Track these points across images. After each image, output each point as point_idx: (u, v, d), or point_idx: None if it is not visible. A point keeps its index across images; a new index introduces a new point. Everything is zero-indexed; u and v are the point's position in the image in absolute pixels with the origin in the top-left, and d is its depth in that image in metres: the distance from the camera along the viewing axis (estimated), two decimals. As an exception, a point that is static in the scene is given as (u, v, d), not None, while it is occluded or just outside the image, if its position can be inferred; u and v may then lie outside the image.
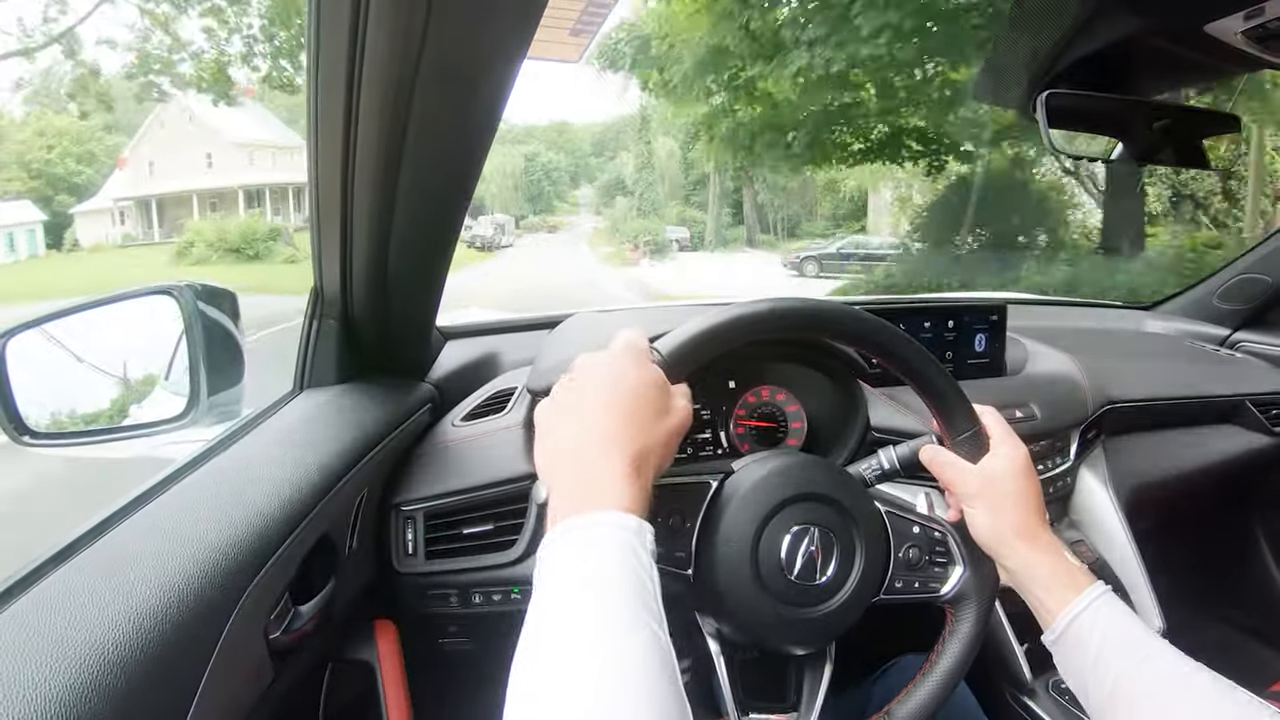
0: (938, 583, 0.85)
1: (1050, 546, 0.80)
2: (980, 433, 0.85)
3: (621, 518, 0.60)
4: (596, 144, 41.12)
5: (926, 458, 0.86)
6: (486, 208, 33.59)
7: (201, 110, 24.21)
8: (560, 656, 0.51)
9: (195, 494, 0.80)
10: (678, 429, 0.70)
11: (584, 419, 0.67)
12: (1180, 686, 0.68)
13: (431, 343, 1.36)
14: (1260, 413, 1.82)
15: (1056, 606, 0.77)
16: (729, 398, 1.28)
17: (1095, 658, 0.73)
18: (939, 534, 0.85)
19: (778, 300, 0.80)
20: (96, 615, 0.58)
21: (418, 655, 1.09)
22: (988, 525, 0.81)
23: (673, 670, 0.53)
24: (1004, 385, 1.52)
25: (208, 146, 27.36)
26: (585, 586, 0.56)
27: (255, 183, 27.89)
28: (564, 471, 0.66)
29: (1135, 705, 0.69)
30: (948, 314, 1.55)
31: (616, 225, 30.81)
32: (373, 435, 1.05)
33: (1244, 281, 2.04)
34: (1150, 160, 1.07)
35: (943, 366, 0.85)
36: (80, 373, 0.97)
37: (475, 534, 1.12)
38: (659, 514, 0.77)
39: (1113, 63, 0.93)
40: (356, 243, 0.98)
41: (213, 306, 0.97)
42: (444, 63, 0.74)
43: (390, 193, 0.90)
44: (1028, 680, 1.24)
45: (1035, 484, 0.83)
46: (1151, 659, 0.71)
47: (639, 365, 0.70)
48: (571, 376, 0.71)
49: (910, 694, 0.83)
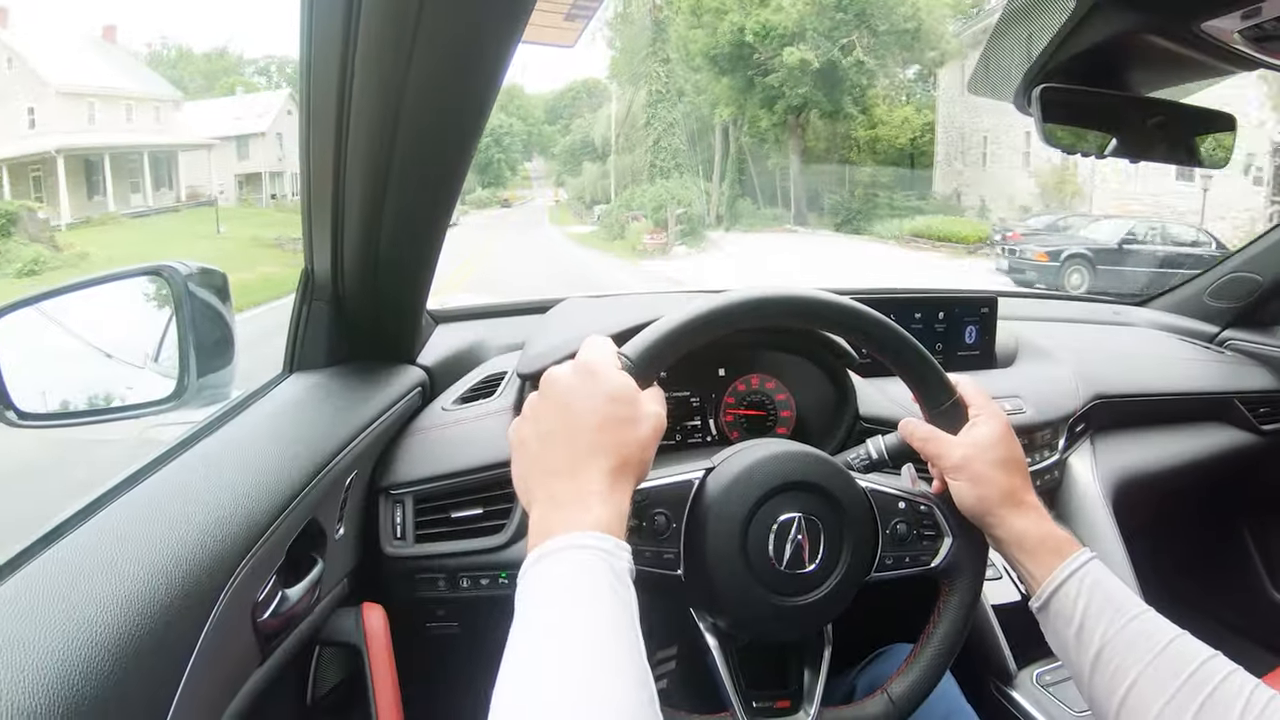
0: (928, 556, 0.85)
1: (1035, 512, 0.80)
2: (959, 403, 0.85)
3: (598, 539, 0.60)
4: (550, 111, 38.43)
5: (906, 432, 0.86)
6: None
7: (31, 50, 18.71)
8: (538, 689, 0.52)
9: (184, 477, 0.80)
10: (652, 436, 0.69)
11: (556, 437, 0.67)
12: (1165, 650, 0.69)
13: (422, 326, 1.35)
14: (1248, 411, 1.84)
15: (1042, 573, 0.77)
16: (718, 385, 1.28)
17: (1080, 622, 0.74)
18: (925, 508, 0.85)
19: (746, 290, 0.80)
20: (85, 598, 0.58)
21: (405, 638, 1.09)
22: (972, 495, 0.81)
23: (650, 694, 0.53)
24: (993, 378, 1.53)
25: (31, 99, 19.60)
26: (562, 616, 0.56)
27: (90, 146, 20.15)
28: (539, 492, 0.66)
29: (1120, 669, 0.70)
30: (938, 305, 1.56)
31: (582, 195, 27.54)
32: (362, 418, 1.05)
33: (1235, 280, 2.05)
34: (1144, 157, 1.07)
35: (914, 339, 0.84)
36: (70, 353, 0.96)
37: (464, 518, 1.12)
38: (643, 517, 0.77)
39: (1108, 58, 0.93)
40: (348, 225, 0.98)
41: (203, 287, 0.96)
42: (438, 46, 0.73)
43: (382, 175, 0.90)
44: (1012, 671, 1.25)
45: (1017, 450, 0.83)
46: (1136, 622, 0.72)
47: (606, 375, 0.69)
48: (541, 394, 0.71)
49: (908, 669, 0.83)
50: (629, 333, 0.78)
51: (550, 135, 37.91)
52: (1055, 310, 2.21)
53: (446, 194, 0.98)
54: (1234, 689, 0.65)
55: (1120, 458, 1.61)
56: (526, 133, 38.36)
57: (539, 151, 39.73)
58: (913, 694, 0.82)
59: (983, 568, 0.86)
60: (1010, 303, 1.92)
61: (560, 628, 0.55)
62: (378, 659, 1.02)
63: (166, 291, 0.93)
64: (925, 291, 1.72)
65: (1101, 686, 0.71)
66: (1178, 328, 2.11)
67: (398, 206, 0.95)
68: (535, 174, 40.61)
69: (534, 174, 40.46)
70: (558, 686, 0.51)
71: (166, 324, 0.94)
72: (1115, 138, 1.06)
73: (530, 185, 39.19)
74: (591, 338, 0.74)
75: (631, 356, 0.74)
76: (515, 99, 37.53)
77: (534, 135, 38.66)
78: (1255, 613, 2.06)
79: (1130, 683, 0.68)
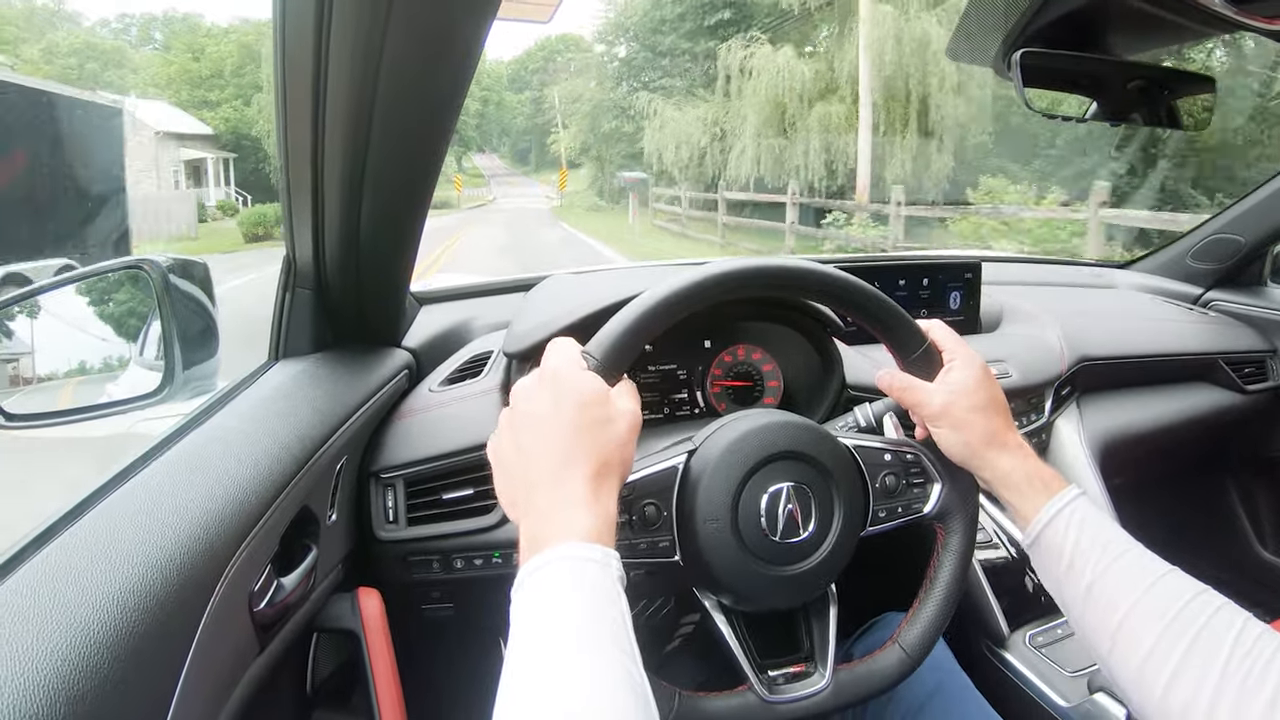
0: (920, 503, 0.86)
1: (1020, 450, 0.81)
2: (931, 348, 0.85)
3: (587, 549, 0.60)
4: (516, 77, 34.10)
5: (884, 384, 0.87)
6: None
7: None
8: (538, 705, 0.52)
9: (174, 470, 0.79)
10: (629, 432, 0.69)
11: (533, 449, 0.66)
12: (1156, 585, 0.70)
13: (406, 308, 1.35)
14: (1232, 371, 1.85)
15: (1031, 510, 0.78)
16: (705, 358, 1.28)
17: (1070, 558, 0.74)
18: (911, 456, 0.86)
19: (708, 267, 0.79)
20: (80, 596, 0.58)
21: (402, 622, 1.10)
22: (956, 441, 0.81)
23: (646, 704, 0.53)
24: (979, 342, 1.54)
25: None
26: (555, 631, 0.56)
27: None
28: (524, 505, 0.66)
29: (1111, 602, 0.71)
30: (923, 271, 1.56)
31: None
32: (350, 403, 1.05)
33: (1217, 241, 2.06)
34: (1124, 120, 1.07)
35: (877, 291, 0.84)
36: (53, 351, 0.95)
37: (455, 499, 1.12)
38: (633, 510, 0.77)
39: (1088, 22, 0.93)
40: (328, 210, 0.97)
41: (184, 279, 0.96)
42: (413, 24, 0.72)
43: (361, 159, 0.89)
44: (1004, 633, 1.27)
45: (996, 389, 0.84)
46: (1126, 557, 0.73)
47: (575, 379, 0.69)
48: (512, 408, 0.70)
49: (915, 617, 0.84)
50: (590, 325, 0.77)
51: (514, 106, 34.17)
52: (1039, 274, 2.22)
53: (425, 175, 0.97)
54: (1224, 622, 0.66)
55: (1106, 420, 1.62)
56: (480, 106, 33.32)
57: (500, 132, 35.45)
58: (923, 640, 0.83)
59: (975, 508, 0.87)
60: (994, 267, 1.93)
61: (555, 643, 0.55)
62: (375, 643, 1.02)
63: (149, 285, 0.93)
64: (908, 257, 1.73)
65: (1093, 620, 0.72)
66: (1161, 289, 2.13)
67: (377, 190, 0.94)
68: (490, 171, 35.74)
69: (487, 171, 35.59)
70: (557, 702, 0.51)
71: (149, 317, 0.94)
72: (1095, 101, 1.06)
73: (485, 182, 33.96)
74: (554, 342, 0.74)
75: (597, 355, 0.73)
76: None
77: (491, 106, 34.57)
78: (1242, 570, 2.09)
79: (1122, 616, 0.69)
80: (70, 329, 0.96)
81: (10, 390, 0.86)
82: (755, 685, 0.80)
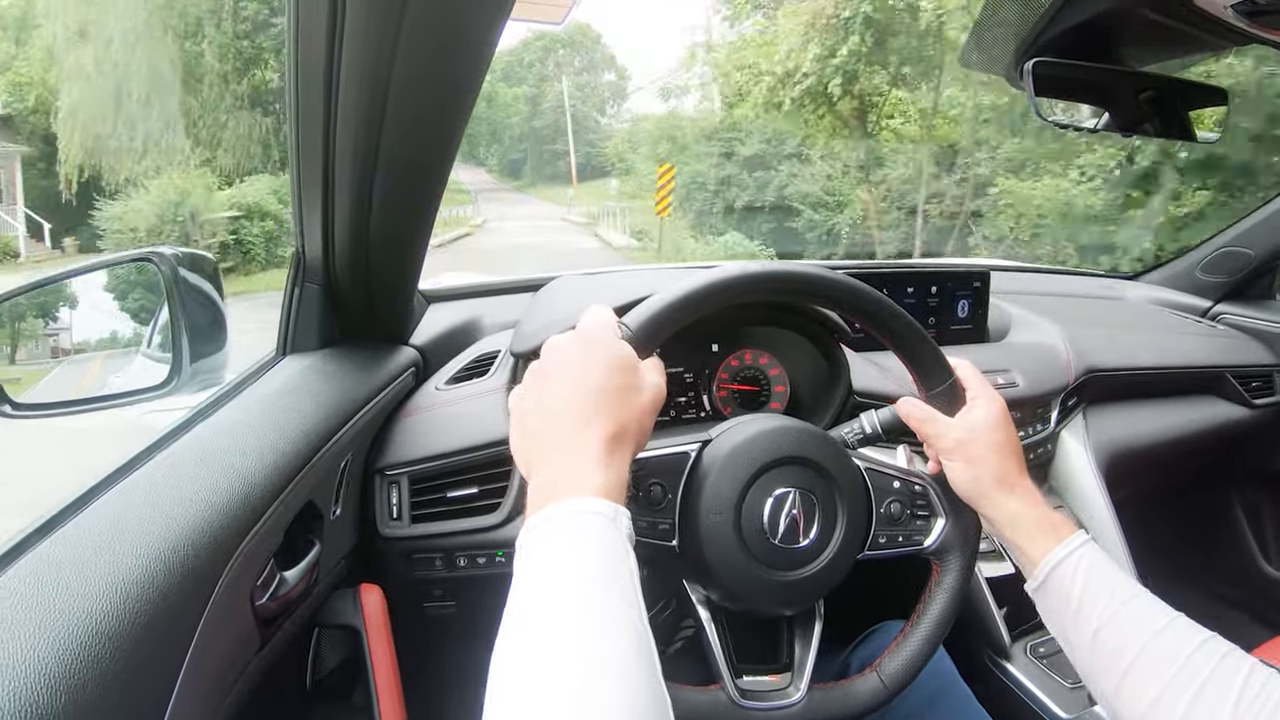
0: (921, 535, 0.85)
1: (1030, 495, 0.81)
2: (956, 385, 0.85)
3: (597, 504, 0.59)
4: (509, 71, 30.07)
5: (904, 412, 0.86)
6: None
7: None
8: (539, 653, 0.51)
9: (179, 462, 0.79)
10: (652, 405, 0.69)
11: (556, 405, 0.66)
12: (1162, 632, 0.69)
13: (414, 306, 1.35)
14: (1240, 384, 1.85)
15: (1038, 554, 0.78)
16: (711, 361, 1.28)
17: (1077, 605, 0.74)
18: (919, 487, 0.86)
19: (746, 265, 0.80)
20: (82, 586, 0.58)
21: (403, 619, 1.10)
22: (968, 478, 0.81)
23: (651, 658, 0.53)
24: (986, 351, 1.54)
25: None
26: (562, 580, 0.55)
27: None
28: (538, 458, 0.65)
29: (1118, 648, 0.70)
30: (931, 279, 1.56)
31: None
32: (356, 400, 1.05)
33: (1227, 254, 2.06)
34: (1135, 131, 1.07)
35: (914, 320, 0.84)
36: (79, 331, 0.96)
37: (459, 497, 1.12)
38: (640, 487, 0.77)
39: (1101, 32, 0.93)
40: (338, 207, 0.97)
41: (193, 271, 0.96)
42: (426, 22, 0.73)
43: (372, 156, 0.89)
44: (1006, 644, 1.27)
45: (1013, 434, 0.83)
46: (1133, 603, 0.72)
47: (607, 344, 0.69)
48: (542, 362, 0.70)
49: (898, 648, 0.84)
50: (628, 306, 0.78)
51: (507, 102, 30.29)
52: (1047, 284, 2.21)
53: (436, 173, 0.97)
54: (1231, 668, 0.66)
55: (1112, 431, 1.62)
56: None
57: (490, 138, 30.61)
58: (902, 673, 0.82)
59: (975, 550, 0.86)
60: (1003, 276, 1.92)
61: (560, 591, 0.55)
62: (376, 640, 1.03)
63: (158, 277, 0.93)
64: (918, 265, 1.72)
65: (1100, 667, 0.72)
66: (1170, 302, 2.12)
67: (387, 187, 0.94)
68: (476, 186, 30.76)
69: (472, 186, 30.38)
70: (558, 650, 0.51)
71: (158, 309, 0.94)
72: (1107, 112, 1.06)
73: (469, 199, 28.46)
74: (593, 307, 0.74)
75: (632, 326, 0.74)
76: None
77: (481, 103, 32.97)
78: (1246, 584, 2.08)
79: (1129, 663, 0.69)
80: (81, 319, 0.97)
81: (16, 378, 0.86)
82: (728, 686, 0.80)
